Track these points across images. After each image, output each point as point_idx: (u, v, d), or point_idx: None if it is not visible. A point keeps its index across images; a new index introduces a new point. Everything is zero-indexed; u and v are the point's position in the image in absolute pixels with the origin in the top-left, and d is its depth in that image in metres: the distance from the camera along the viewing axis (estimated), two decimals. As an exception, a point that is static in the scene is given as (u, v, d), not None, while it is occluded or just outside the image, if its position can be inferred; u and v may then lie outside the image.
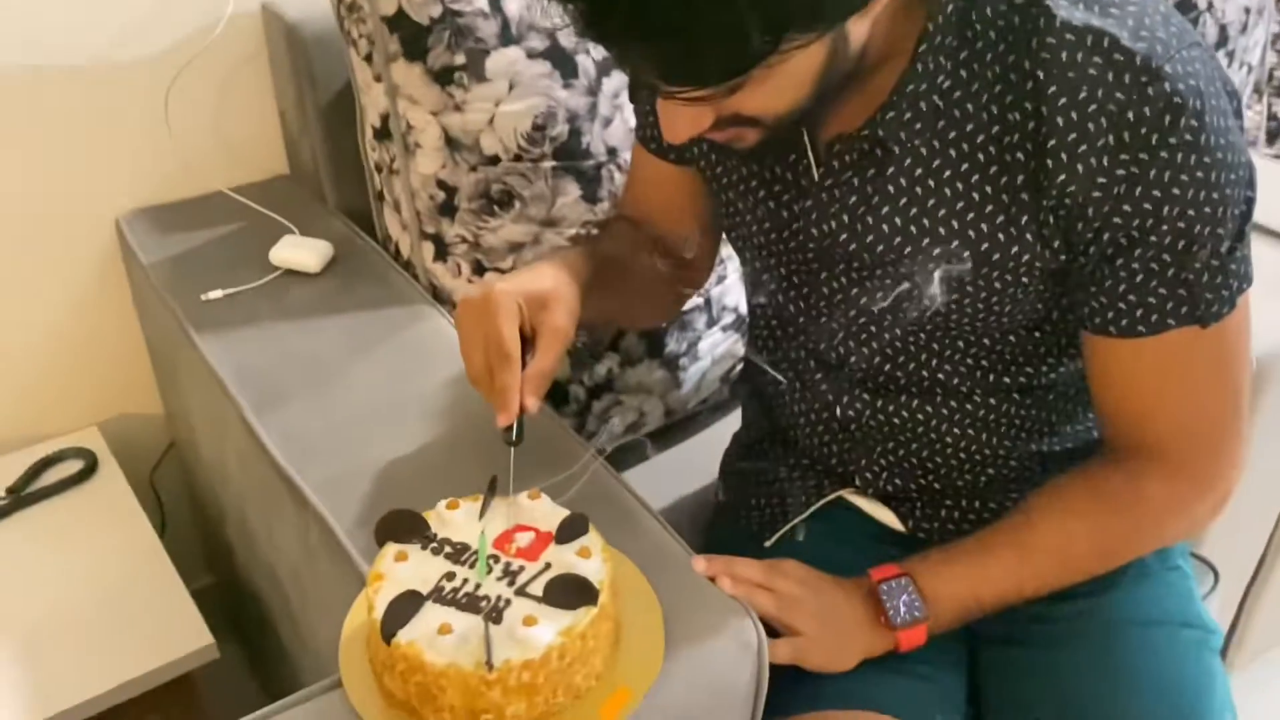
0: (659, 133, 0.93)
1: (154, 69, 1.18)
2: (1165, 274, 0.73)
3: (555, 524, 0.72)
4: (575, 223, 1.10)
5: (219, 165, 1.26)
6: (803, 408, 0.96)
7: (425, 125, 1.05)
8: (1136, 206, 0.70)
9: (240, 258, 1.14)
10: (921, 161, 0.76)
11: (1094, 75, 0.68)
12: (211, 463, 1.13)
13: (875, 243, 0.80)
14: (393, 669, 0.65)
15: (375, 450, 0.88)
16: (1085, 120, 0.69)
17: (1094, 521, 0.83)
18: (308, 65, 1.17)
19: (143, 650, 1.00)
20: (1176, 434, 0.80)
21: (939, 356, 0.86)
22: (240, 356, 1.00)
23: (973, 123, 0.74)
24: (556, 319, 0.77)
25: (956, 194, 0.76)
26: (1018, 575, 0.83)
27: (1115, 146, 0.69)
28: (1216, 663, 0.88)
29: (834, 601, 0.83)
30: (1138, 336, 0.76)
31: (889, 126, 0.75)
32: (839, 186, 0.80)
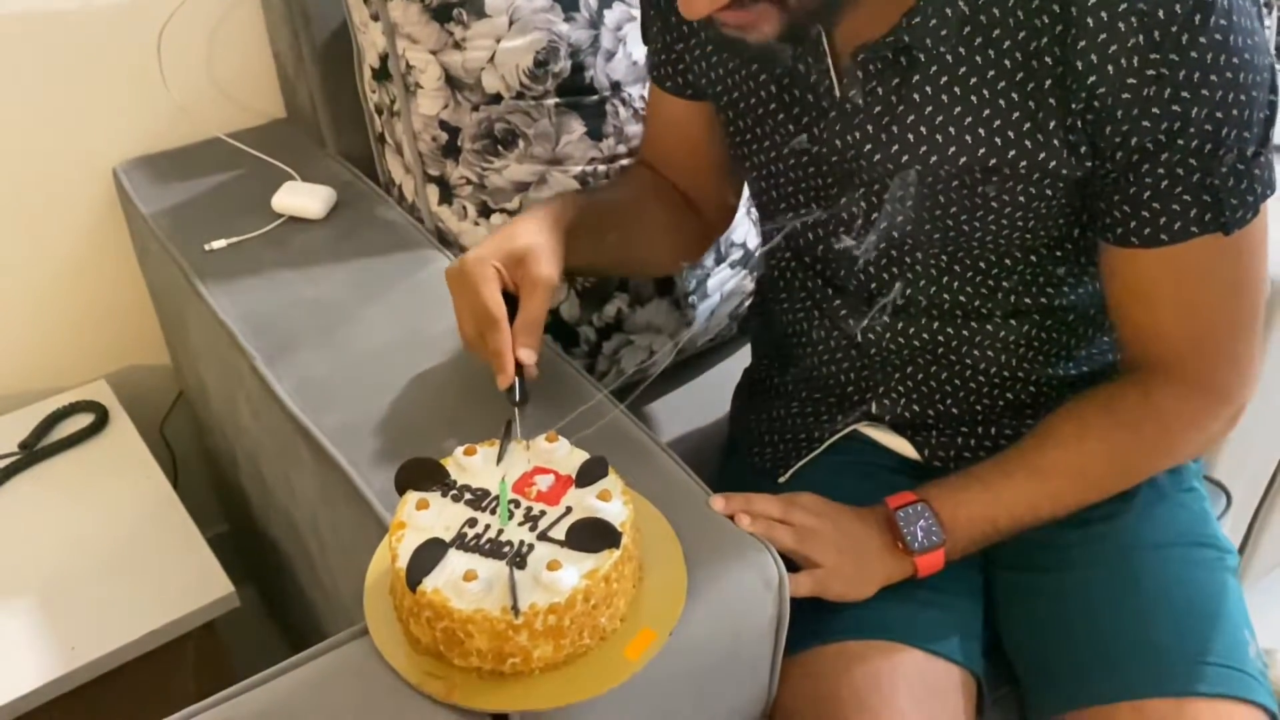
0: (673, 70, 0.93)
1: (144, 14, 1.15)
2: (1190, 179, 0.72)
3: (574, 466, 0.72)
4: (581, 160, 1.08)
5: (215, 111, 1.24)
6: (821, 334, 0.95)
7: (425, 64, 1.03)
8: (1165, 108, 0.69)
9: (241, 205, 1.12)
10: (947, 69, 0.75)
11: None
12: (222, 412, 1.12)
13: (900, 153, 0.79)
14: (418, 616, 0.65)
15: (388, 396, 0.88)
16: (1115, 20, 0.68)
17: (1109, 440, 0.83)
18: (301, 4, 1.15)
19: (164, 600, 1.01)
20: (1193, 346, 0.80)
21: (960, 279, 0.86)
22: (248, 306, 0.99)
23: (999, 28, 0.73)
24: (537, 269, 0.78)
25: (983, 101, 0.75)
26: (1034, 497, 0.84)
27: (1145, 46, 0.68)
28: (1233, 581, 0.89)
29: (852, 530, 0.83)
30: (1160, 246, 0.75)
31: (915, 32, 0.74)
32: (863, 97, 0.79)
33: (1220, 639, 0.83)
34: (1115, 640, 0.84)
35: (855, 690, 0.80)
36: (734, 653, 0.75)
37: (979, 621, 0.90)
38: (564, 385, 0.88)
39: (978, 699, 0.86)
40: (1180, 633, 0.83)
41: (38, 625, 0.99)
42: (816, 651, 0.83)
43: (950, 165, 0.78)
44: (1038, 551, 0.90)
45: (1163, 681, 0.80)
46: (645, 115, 1.03)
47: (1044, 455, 0.84)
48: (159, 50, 1.16)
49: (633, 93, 1.09)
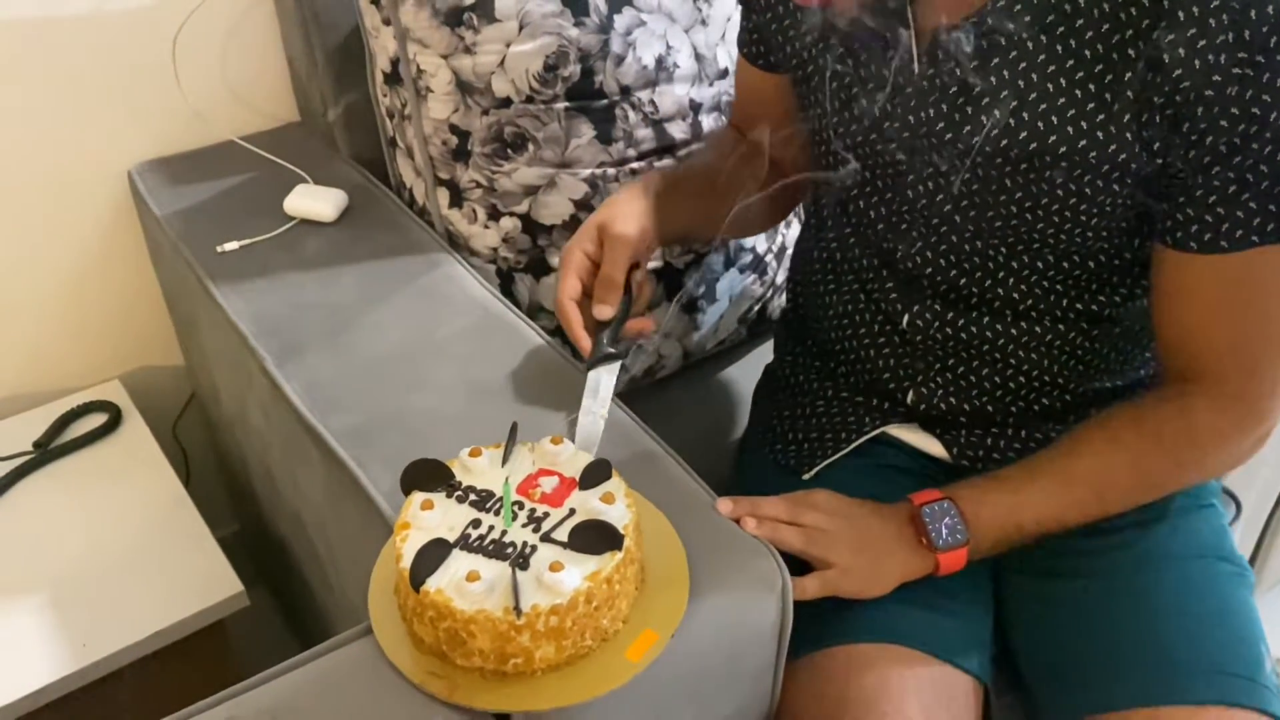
0: (754, 40, 0.97)
1: (159, 18, 1.16)
2: (1259, 186, 0.71)
3: (578, 468, 0.73)
4: (591, 164, 1.09)
5: (229, 114, 1.25)
6: (865, 318, 0.95)
7: (436, 69, 1.04)
8: (1244, 110, 0.69)
9: (254, 208, 1.13)
10: (1027, 55, 0.75)
11: None
12: (233, 413, 1.13)
13: (971, 134, 0.79)
14: (422, 616, 0.66)
15: (397, 398, 0.89)
16: (1207, 16, 0.67)
17: (1138, 453, 0.83)
18: (314, 10, 1.16)
19: (174, 599, 1.02)
20: (1236, 359, 0.79)
21: (1016, 275, 0.86)
22: (259, 308, 1.00)
23: (1083, 18, 0.73)
24: (613, 230, 0.85)
25: (1059, 89, 0.75)
26: (1060, 503, 0.84)
27: (1234, 44, 0.67)
28: (1250, 599, 0.88)
29: (869, 527, 0.83)
30: (1219, 252, 0.74)
31: (998, 16, 0.74)
32: (940, 76, 0.79)
33: (1237, 651, 0.83)
34: (1130, 648, 0.84)
35: (863, 694, 0.80)
36: (736, 656, 0.76)
37: (988, 628, 0.90)
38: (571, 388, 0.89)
39: (984, 706, 0.86)
40: (1196, 643, 0.83)
41: (50, 622, 1.00)
42: (824, 654, 0.83)
43: (1020, 149, 0.77)
44: (1052, 558, 0.90)
45: (1178, 690, 0.80)
46: (735, 87, 1.08)
47: (1073, 463, 0.84)
48: (174, 54, 1.17)
49: (642, 97, 1.09)
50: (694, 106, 1.13)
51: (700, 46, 1.13)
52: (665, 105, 1.11)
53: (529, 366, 0.91)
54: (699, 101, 1.14)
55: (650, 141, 1.11)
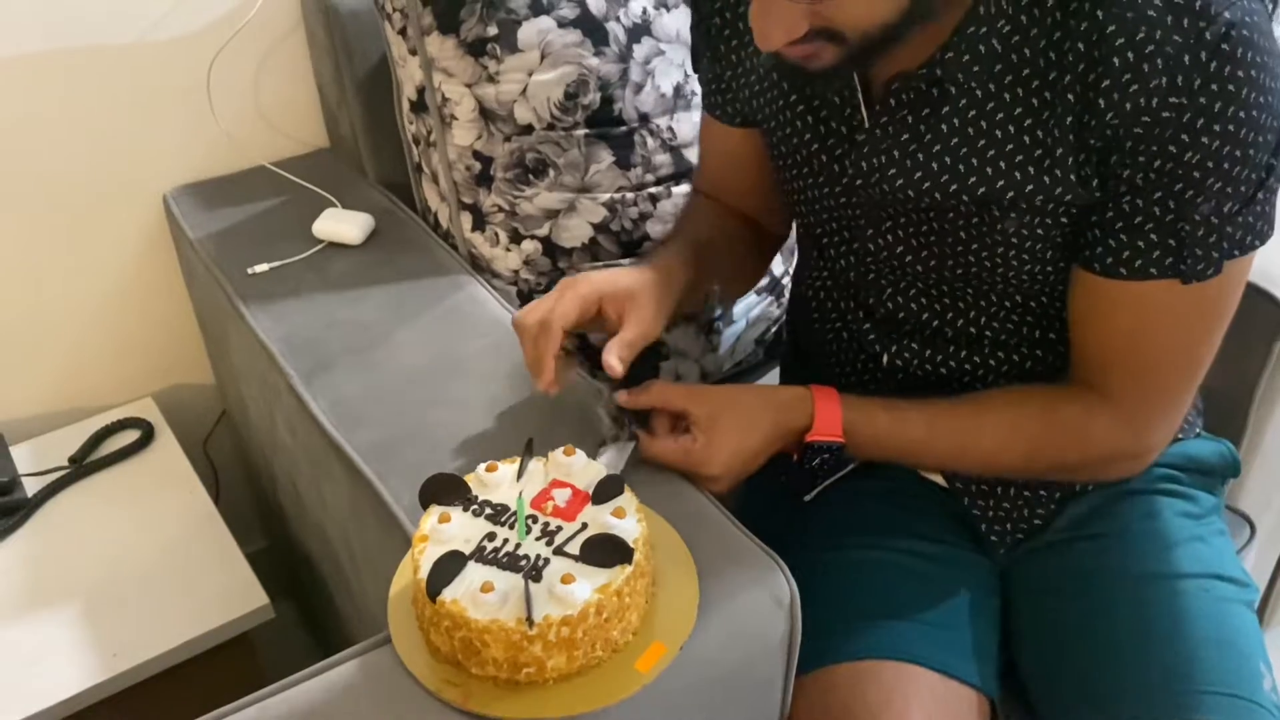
0: (722, 100, 0.96)
1: (195, 48, 1.21)
2: (1163, 220, 0.74)
3: (591, 478, 0.75)
4: (610, 188, 1.12)
5: (261, 140, 1.29)
6: (848, 356, 0.97)
7: (460, 97, 1.07)
8: (1163, 146, 0.71)
9: (284, 231, 1.17)
10: (976, 103, 0.77)
11: (1153, 17, 0.69)
12: (262, 430, 1.16)
13: (922, 180, 0.81)
14: (438, 625, 0.68)
15: (418, 415, 0.91)
16: (1141, 61, 0.70)
17: (1035, 443, 0.86)
18: (344, 40, 1.19)
19: (201, 611, 1.05)
20: (1134, 382, 0.82)
21: (986, 312, 0.88)
22: (287, 328, 1.03)
23: (1028, 67, 0.75)
24: (642, 312, 0.83)
25: (1007, 135, 0.77)
26: (944, 463, 0.90)
27: (1166, 88, 0.70)
28: (1251, 617, 0.89)
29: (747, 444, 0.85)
30: (1119, 278, 0.77)
31: (948, 66, 0.77)
32: (892, 125, 0.81)
33: (1234, 670, 0.83)
34: (1130, 667, 0.84)
35: (869, 709, 0.81)
36: (746, 669, 0.77)
37: (994, 643, 0.91)
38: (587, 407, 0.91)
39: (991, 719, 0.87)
40: (1194, 662, 0.83)
41: (82, 632, 1.03)
42: (830, 670, 0.85)
43: (970, 195, 0.79)
44: (1056, 576, 0.91)
45: (1174, 709, 0.81)
46: (700, 146, 1.06)
47: (974, 435, 0.86)
48: (208, 83, 1.21)
49: (660, 124, 1.12)
50: (711, 133, 1.16)
51: (718, 74, 1.15)
52: (683, 132, 1.14)
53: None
54: (716, 128, 1.16)
55: (668, 167, 1.14)
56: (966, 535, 0.95)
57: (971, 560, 0.94)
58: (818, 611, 0.85)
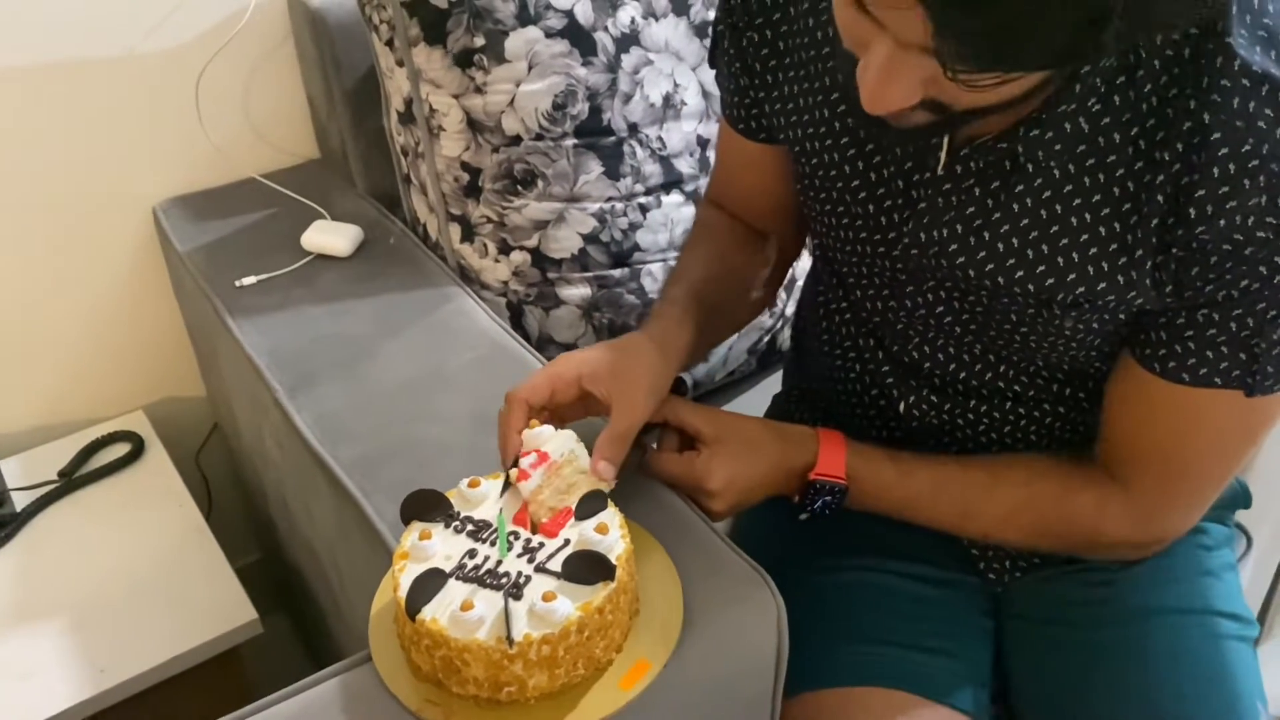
0: (746, 114, 0.90)
1: (184, 60, 1.20)
2: (1239, 335, 0.71)
3: (561, 445, 0.74)
4: (599, 199, 1.11)
5: (250, 152, 1.29)
6: (858, 390, 0.94)
7: (448, 108, 1.07)
8: (1253, 268, 0.67)
9: (273, 243, 1.17)
10: (1053, 184, 0.72)
11: (1262, 129, 0.64)
12: (252, 444, 1.16)
13: (985, 260, 0.76)
14: (418, 644, 0.67)
15: (405, 429, 0.91)
16: (1242, 176, 0.65)
17: (1043, 524, 0.83)
18: (333, 51, 1.19)
19: (190, 626, 1.04)
20: (1159, 482, 0.80)
21: (1015, 368, 0.84)
22: (274, 341, 1.03)
23: (1115, 154, 0.69)
24: (634, 395, 0.78)
25: (1083, 224, 0.72)
26: (945, 525, 0.86)
27: (1265, 208, 0.65)
28: (1250, 654, 0.88)
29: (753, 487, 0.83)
30: (1179, 383, 0.74)
31: (1030, 143, 0.70)
32: (957, 194, 0.76)
33: (1229, 709, 0.82)
34: (1125, 701, 0.83)
35: None
36: (732, 688, 0.76)
37: (987, 669, 0.90)
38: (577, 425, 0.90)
39: None
40: (1189, 699, 0.82)
41: (69, 647, 1.03)
42: (820, 695, 0.84)
43: (1035, 285, 0.74)
44: (1054, 606, 0.90)
45: None
46: (716, 153, 1.01)
47: (981, 504, 0.84)
48: (197, 95, 1.21)
49: (649, 134, 1.12)
50: (701, 142, 1.15)
51: (708, 84, 1.15)
52: (673, 141, 1.13)
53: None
54: (706, 138, 1.16)
55: (658, 176, 1.13)
56: (964, 561, 0.93)
57: (968, 584, 0.92)
58: (809, 633, 0.84)
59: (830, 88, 0.81)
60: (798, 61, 0.83)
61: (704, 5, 1.13)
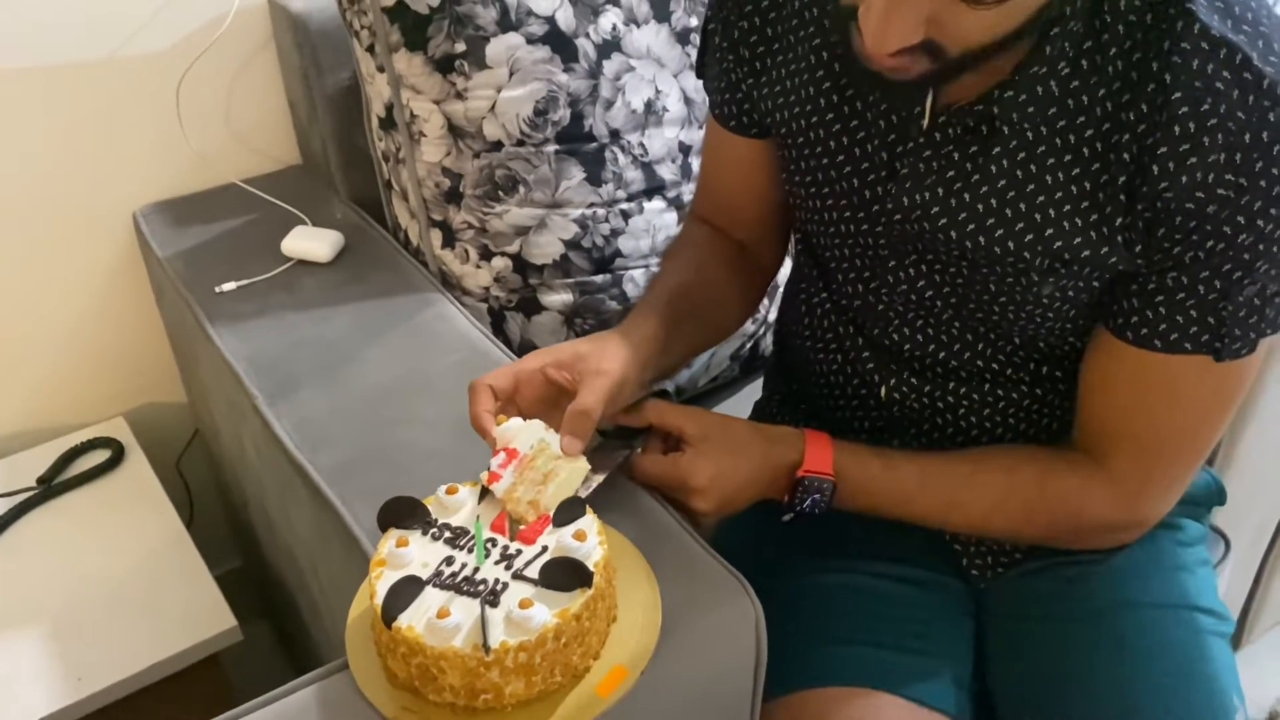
0: (738, 110, 0.91)
1: (164, 65, 1.20)
2: (1207, 298, 0.72)
3: (530, 438, 0.74)
4: (581, 204, 1.11)
5: (231, 157, 1.29)
6: (840, 382, 0.95)
7: (429, 114, 1.07)
8: (1217, 226, 0.69)
9: (253, 249, 1.16)
10: (1026, 145, 0.74)
11: (1220, 90, 0.67)
12: (231, 449, 1.15)
13: (966, 221, 0.78)
14: (395, 651, 0.67)
15: (385, 435, 0.90)
16: (1202, 134, 0.67)
17: (1028, 510, 0.84)
18: (314, 57, 1.19)
19: (169, 633, 1.04)
20: (1139, 459, 0.81)
21: (994, 346, 0.86)
22: (254, 346, 1.02)
23: (1084, 115, 0.72)
24: (596, 364, 0.78)
25: (1057, 183, 0.74)
26: (931, 518, 0.86)
27: (1224, 165, 0.68)
28: (1227, 649, 0.88)
29: (740, 484, 0.82)
30: (1151, 349, 0.75)
31: (1005, 104, 0.73)
32: (938, 160, 0.78)
33: (1206, 702, 0.83)
34: (1102, 696, 0.83)
35: None
36: (710, 694, 0.76)
37: (968, 669, 0.90)
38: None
39: None
40: (1165, 693, 0.83)
41: (47, 656, 1.02)
42: (800, 696, 0.84)
43: (1015, 244, 0.76)
44: (1033, 601, 0.90)
45: None
46: (703, 161, 1.01)
47: (965, 492, 0.85)
48: (178, 100, 1.21)
49: (631, 140, 1.12)
50: (684, 149, 1.16)
51: (689, 90, 1.15)
52: (655, 148, 1.14)
53: (514, 404, 0.93)
54: (688, 144, 1.16)
55: (640, 183, 1.14)
56: (946, 559, 0.94)
57: (949, 585, 0.93)
58: (790, 635, 0.85)
59: (816, 65, 0.83)
60: (787, 45, 0.86)
61: (685, 12, 1.13)
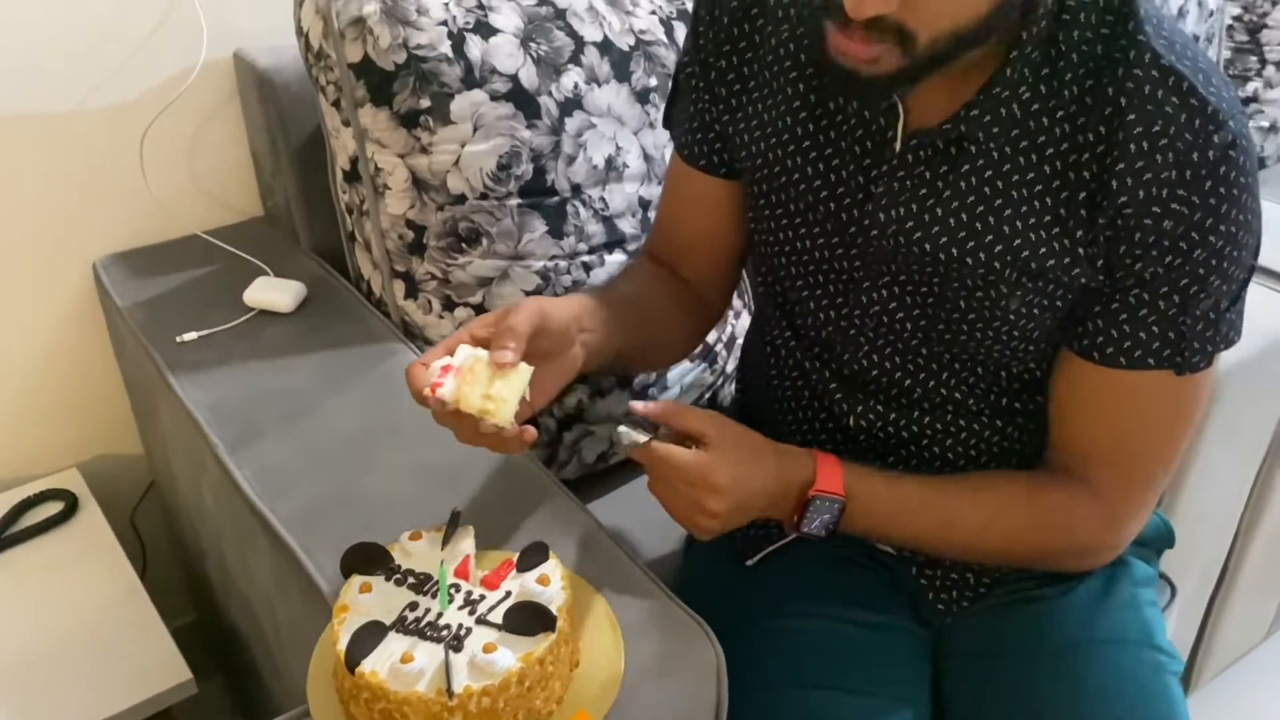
0: (709, 149, 0.94)
1: (129, 116, 1.21)
2: (1167, 313, 0.77)
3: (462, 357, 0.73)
4: (543, 256, 1.13)
5: (194, 209, 1.29)
6: (808, 414, 0.97)
7: (393, 167, 1.08)
8: (1174, 242, 0.74)
9: (215, 299, 1.17)
10: (993, 164, 0.79)
11: (1169, 113, 0.73)
12: (190, 500, 1.15)
13: (940, 234, 0.81)
14: (357, 697, 0.67)
15: (346, 483, 0.91)
16: (1154, 152, 0.73)
17: (1020, 526, 0.86)
18: (279, 111, 1.21)
19: (123, 687, 1.02)
20: (1114, 471, 0.84)
21: (959, 378, 0.88)
22: (215, 396, 1.02)
23: (1044, 135, 0.77)
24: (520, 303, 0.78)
25: (1022, 198, 0.79)
26: (928, 537, 0.88)
27: (1175, 181, 0.73)
28: (1177, 687, 0.91)
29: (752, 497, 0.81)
30: (1116, 367, 0.79)
31: (971, 124, 0.78)
32: (910, 179, 0.82)
33: None
34: None
35: None
36: (672, 737, 0.77)
37: (927, 712, 0.91)
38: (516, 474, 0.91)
39: None
40: None
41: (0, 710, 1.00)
42: None
43: (986, 255, 0.80)
44: (991, 640, 0.92)
45: None
46: (663, 201, 1.03)
47: (958, 512, 0.86)
48: (142, 151, 1.22)
49: (592, 194, 1.14)
50: (643, 204, 1.18)
51: (649, 148, 1.18)
52: (615, 202, 1.16)
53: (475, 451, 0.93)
54: (648, 199, 1.18)
55: (601, 236, 1.16)
56: (906, 603, 0.95)
57: (908, 628, 0.94)
58: (753, 680, 0.86)
59: (793, 98, 0.87)
60: (762, 81, 0.89)
61: (645, 73, 1.17)
